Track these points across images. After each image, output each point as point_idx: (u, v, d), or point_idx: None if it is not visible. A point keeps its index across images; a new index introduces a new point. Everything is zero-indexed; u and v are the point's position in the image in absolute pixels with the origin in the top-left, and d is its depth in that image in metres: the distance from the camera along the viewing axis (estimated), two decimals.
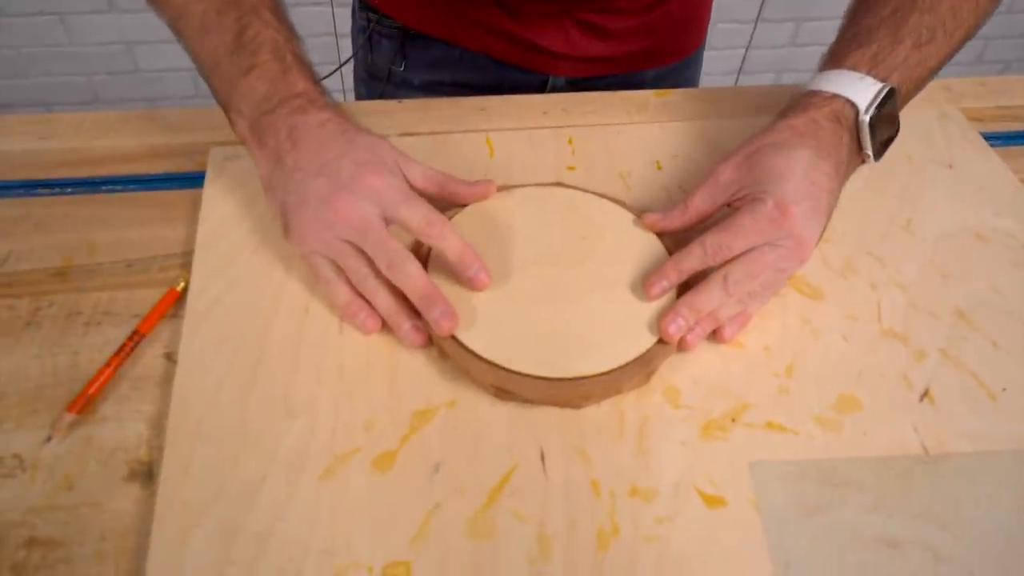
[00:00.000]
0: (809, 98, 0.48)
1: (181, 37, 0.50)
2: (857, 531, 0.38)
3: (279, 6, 0.51)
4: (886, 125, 0.48)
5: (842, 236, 0.52)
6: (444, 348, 0.43)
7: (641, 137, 0.59)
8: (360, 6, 0.75)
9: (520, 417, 0.42)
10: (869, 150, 0.47)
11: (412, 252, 0.45)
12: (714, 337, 0.45)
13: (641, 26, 0.71)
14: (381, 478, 0.39)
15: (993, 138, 0.61)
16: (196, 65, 0.50)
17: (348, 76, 0.80)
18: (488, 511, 0.38)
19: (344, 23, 1.55)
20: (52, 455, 0.40)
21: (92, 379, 0.43)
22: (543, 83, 0.73)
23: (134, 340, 0.44)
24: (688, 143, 0.59)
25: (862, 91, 0.47)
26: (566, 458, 0.40)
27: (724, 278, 0.44)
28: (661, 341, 0.44)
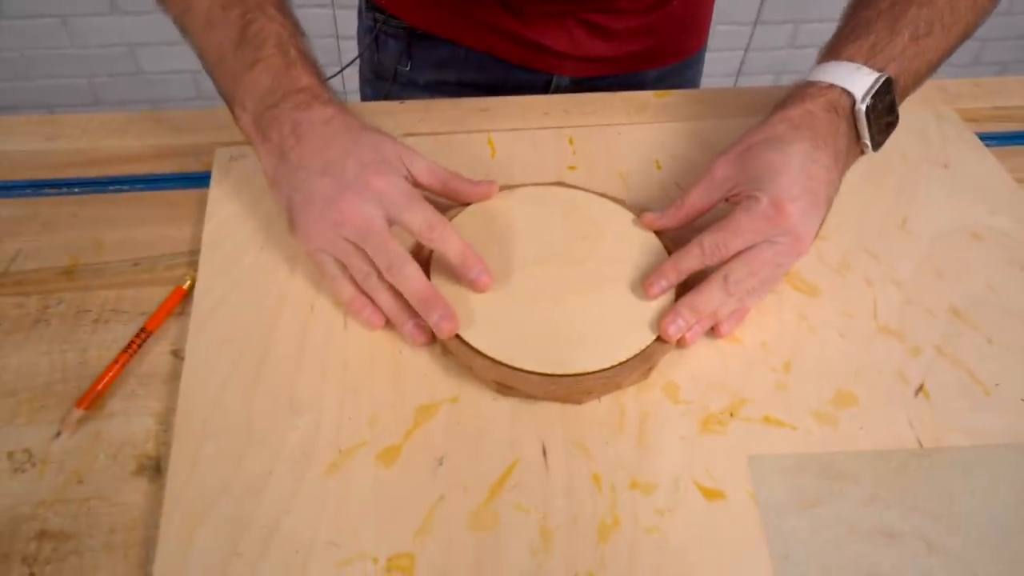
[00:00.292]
0: (805, 89, 0.48)
1: (187, 33, 0.51)
2: (854, 523, 0.39)
3: (284, 2, 0.51)
4: (884, 115, 0.48)
5: (839, 234, 0.53)
6: (447, 345, 0.44)
7: (641, 137, 0.60)
8: (367, 6, 0.76)
9: (522, 412, 0.43)
10: (867, 139, 0.47)
11: (414, 253, 0.46)
12: (712, 333, 0.46)
13: (644, 26, 0.71)
14: (385, 472, 0.40)
15: (989, 138, 0.61)
16: (201, 61, 0.50)
17: (351, 78, 0.80)
18: (491, 504, 0.39)
19: (345, 25, 1.56)
20: (62, 450, 0.41)
21: (100, 375, 0.43)
22: (547, 83, 0.74)
23: (141, 337, 0.45)
24: (687, 143, 0.59)
25: (858, 80, 0.47)
26: (567, 452, 0.41)
27: (724, 278, 0.44)
28: (660, 338, 0.44)
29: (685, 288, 0.46)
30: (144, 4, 1.55)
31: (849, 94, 0.47)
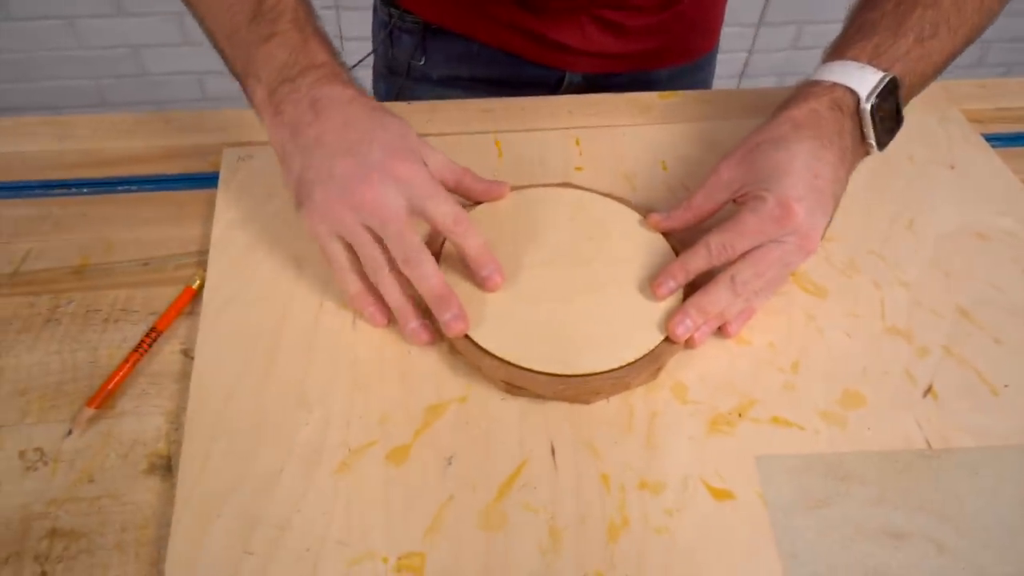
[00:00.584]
0: (810, 88, 0.48)
1: (195, 6, 0.49)
2: (862, 523, 0.39)
3: None
4: (888, 115, 0.48)
5: (845, 235, 0.53)
6: (456, 345, 0.44)
7: (647, 138, 0.60)
8: (382, 2, 0.76)
9: (531, 412, 0.43)
10: (872, 139, 0.47)
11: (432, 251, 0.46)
12: (719, 333, 0.46)
13: (655, 24, 0.72)
14: (395, 471, 0.40)
15: (994, 139, 0.61)
16: (210, 36, 0.49)
17: (361, 75, 0.80)
18: (500, 504, 0.39)
19: (349, 27, 1.56)
20: (73, 448, 0.41)
21: (111, 375, 0.43)
22: (559, 80, 0.74)
23: (151, 337, 0.45)
24: (693, 144, 0.60)
25: (863, 80, 0.47)
26: (576, 452, 0.41)
27: (732, 278, 0.44)
28: (668, 339, 0.44)
29: (693, 288, 0.46)
30: (149, 6, 1.55)
31: (853, 93, 0.47)
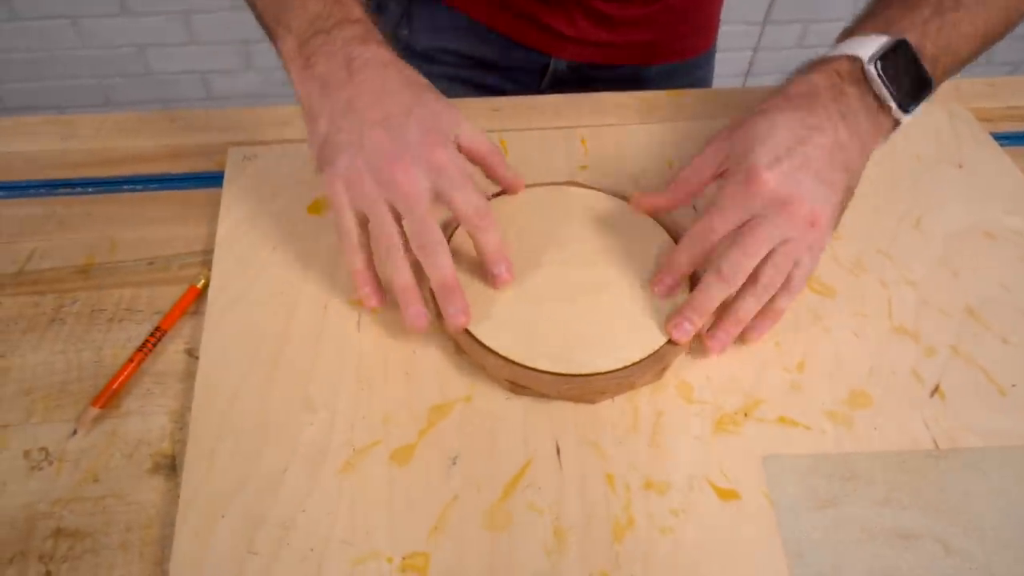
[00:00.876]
0: (812, 65, 0.47)
1: None
2: (868, 524, 0.39)
3: None
4: (904, 74, 0.45)
5: (853, 234, 0.53)
6: (460, 344, 0.44)
7: (652, 137, 0.60)
8: None
9: (535, 411, 0.43)
10: (891, 101, 0.44)
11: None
12: (740, 340, 0.45)
13: (642, 16, 0.71)
14: (399, 471, 0.40)
15: (1002, 138, 0.61)
16: None
17: None
18: (505, 503, 0.39)
19: None
20: (77, 448, 0.41)
21: (115, 374, 0.43)
22: (544, 66, 0.73)
23: (156, 336, 0.45)
24: (699, 143, 0.59)
25: (865, 45, 0.45)
26: (581, 452, 0.41)
27: (717, 268, 0.42)
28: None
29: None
30: (154, 5, 1.55)
31: (855, 59, 0.45)
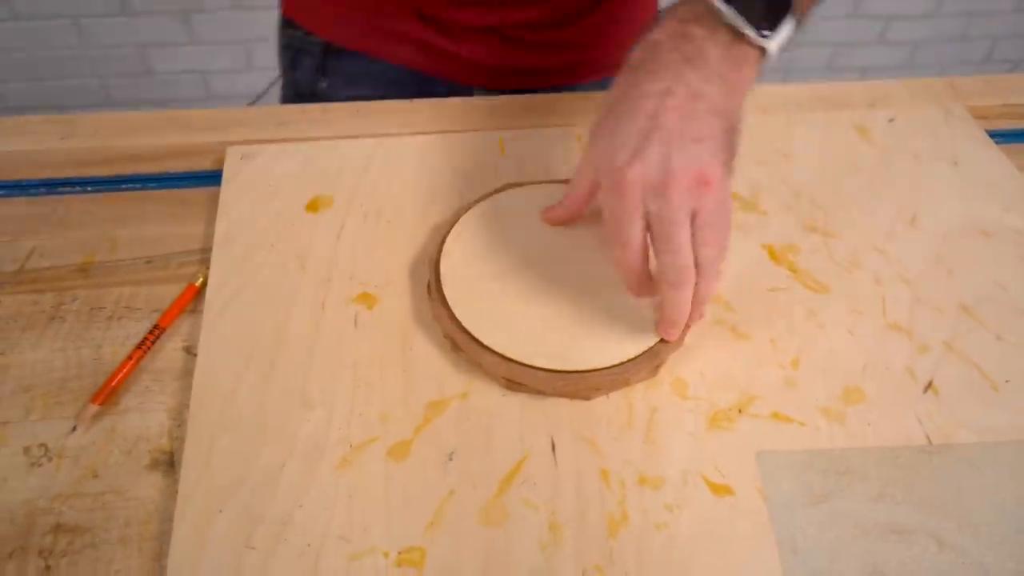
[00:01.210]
0: (659, 18, 0.45)
1: None
2: (862, 519, 0.39)
3: None
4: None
5: (848, 231, 0.53)
6: (457, 342, 0.44)
7: None
8: (283, 23, 0.73)
9: (531, 408, 0.43)
10: (746, 28, 0.42)
11: (434, 248, 0.47)
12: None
13: (562, 40, 0.69)
14: (396, 467, 0.40)
15: (998, 135, 0.61)
16: None
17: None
18: (500, 499, 0.39)
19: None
20: (77, 445, 0.41)
21: (114, 372, 0.44)
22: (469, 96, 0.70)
23: (155, 334, 0.46)
24: None
25: None
26: (576, 448, 0.41)
27: (667, 281, 0.41)
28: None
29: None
30: (154, 5, 1.56)
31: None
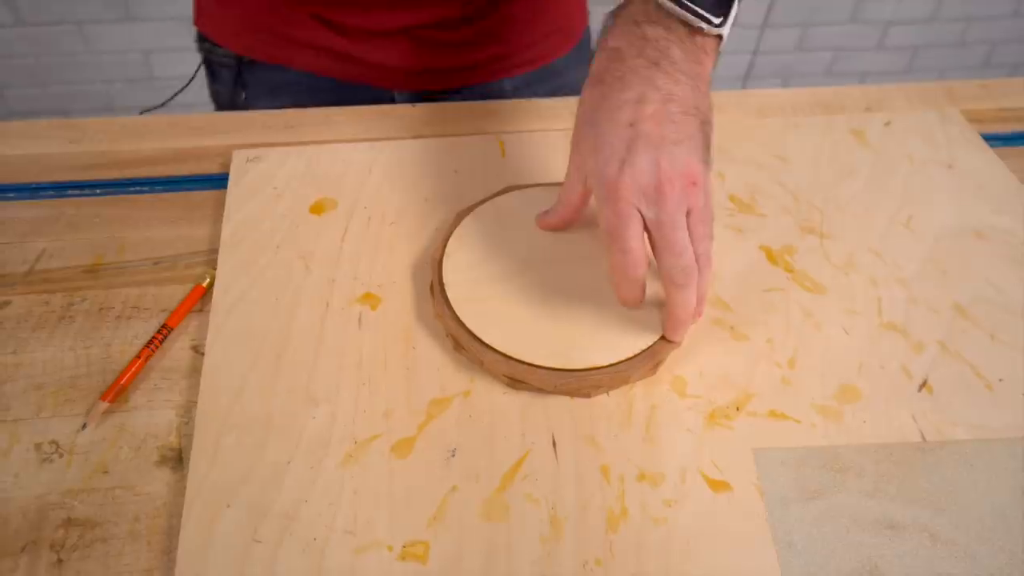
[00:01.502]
0: (610, 25, 0.45)
1: None
2: (857, 514, 0.40)
3: None
4: None
5: (844, 233, 0.54)
6: (459, 341, 0.45)
7: None
8: (197, 36, 0.73)
9: (532, 405, 0.44)
10: (699, 22, 0.43)
11: (436, 249, 0.48)
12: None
13: (478, 37, 0.68)
14: (400, 463, 0.41)
15: (992, 138, 0.62)
16: None
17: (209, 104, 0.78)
18: (502, 494, 0.40)
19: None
20: (87, 441, 0.42)
21: (124, 370, 0.45)
22: (389, 100, 0.71)
23: (163, 333, 0.47)
24: None
25: None
26: (577, 444, 0.42)
27: (671, 281, 0.42)
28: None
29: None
30: (158, 11, 1.57)
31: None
